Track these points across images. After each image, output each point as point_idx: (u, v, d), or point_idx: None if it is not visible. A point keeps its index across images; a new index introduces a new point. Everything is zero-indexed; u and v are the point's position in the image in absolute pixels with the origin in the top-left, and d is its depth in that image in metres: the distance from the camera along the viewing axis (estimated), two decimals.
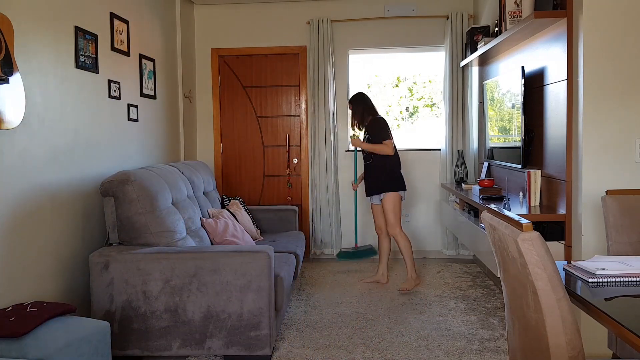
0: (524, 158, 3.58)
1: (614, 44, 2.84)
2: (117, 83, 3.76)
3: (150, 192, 3.11)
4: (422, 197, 5.54)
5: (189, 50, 5.39)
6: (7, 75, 2.53)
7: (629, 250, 2.37)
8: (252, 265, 2.88)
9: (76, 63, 3.24)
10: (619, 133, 2.87)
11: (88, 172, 3.37)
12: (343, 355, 3.06)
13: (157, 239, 3.07)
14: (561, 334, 1.48)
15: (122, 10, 3.88)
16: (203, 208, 4.00)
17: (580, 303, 1.68)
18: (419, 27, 5.43)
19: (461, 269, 5.01)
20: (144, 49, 4.27)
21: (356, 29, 5.48)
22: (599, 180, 2.88)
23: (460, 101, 5.30)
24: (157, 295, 2.89)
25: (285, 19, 5.53)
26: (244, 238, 3.83)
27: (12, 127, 2.58)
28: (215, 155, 5.65)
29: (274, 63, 5.60)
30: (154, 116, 4.45)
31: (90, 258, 2.92)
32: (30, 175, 2.81)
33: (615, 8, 2.83)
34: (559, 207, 3.21)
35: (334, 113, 5.44)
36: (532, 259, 1.48)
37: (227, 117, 5.66)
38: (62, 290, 3.07)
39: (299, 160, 5.62)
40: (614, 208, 2.40)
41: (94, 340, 2.42)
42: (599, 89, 2.86)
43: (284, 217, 4.73)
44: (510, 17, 3.61)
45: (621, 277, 1.80)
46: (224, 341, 2.90)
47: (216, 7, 5.55)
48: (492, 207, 1.83)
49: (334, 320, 3.65)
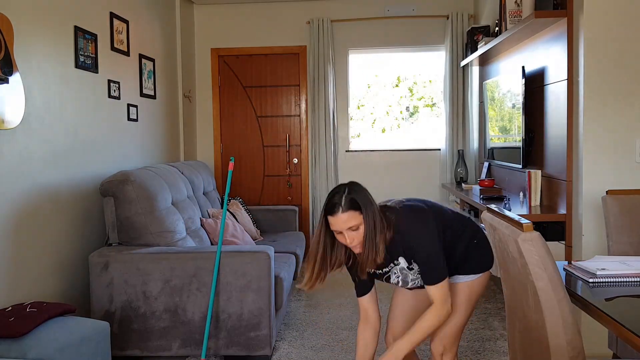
0: (524, 158, 3.58)
1: (614, 43, 2.84)
2: (117, 83, 3.75)
3: (150, 192, 3.11)
4: (422, 197, 5.52)
5: (189, 50, 5.39)
6: (7, 75, 2.53)
7: (629, 250, 2.36)
8: (252, 266, 2.87)
9: (76, 63, 3.23)
10: (620, 133, 2.87)
11: (88, 172, 3.37)
12: (343, 356, 3.06)
13: (157, 239, 3.06)
14: (561, 334, 1.48)
15: (121, 10, 3.87)
16: (203, 208, 4.00)
17: (580, 303, 1.67)
18: (419, 27, 5.42)
19: None
20: (143, 48, 4.26)
21: (356, 29, 5.47)
22: (599, 180, 2.88)
23: (461, 101, 5.30)
24: (157, 296, 2.88)
25: (285, 18, 5.52)
26: (244, 238, 3.83)
27: (11, 127, 2.58)
28: (215, 155, 5.64)
29: (274, 63, 5.60)
30: (153, 116, 4.45)
31: (90, 258, 2.92)
32: (30, 175, 2.80)
33: (615, 8, 2.82)
34: (560, 207, 3.20)
35: (334, 113, 5.43)
36: (532, 259, 1.48)
37: (227, 117, 5.65)
38: (62, 290, 3.07)
39: (299, 160, 5.62)
40: (615, 208, 2.39)
41: (93, 340, 2.42)
42: (600, 88, 2.85)
43: (284, 217, 4.73)
44: (510, 16, 3.61)
45: (621, 277, 1.80)
46: (224, 341, 2.90)
47: (216, 7, 5.55)
48: (492, 207, 1.82)
49: (334, 320, 3.64)
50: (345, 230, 1.85)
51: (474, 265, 2.07)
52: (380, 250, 1.88)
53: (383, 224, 1.89)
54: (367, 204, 1.86)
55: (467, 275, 2.07)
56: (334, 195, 1.88)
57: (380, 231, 1.87)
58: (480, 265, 2.08)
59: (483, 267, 2.09)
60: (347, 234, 1.85)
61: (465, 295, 2.08)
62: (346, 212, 1.83)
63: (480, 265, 2.08)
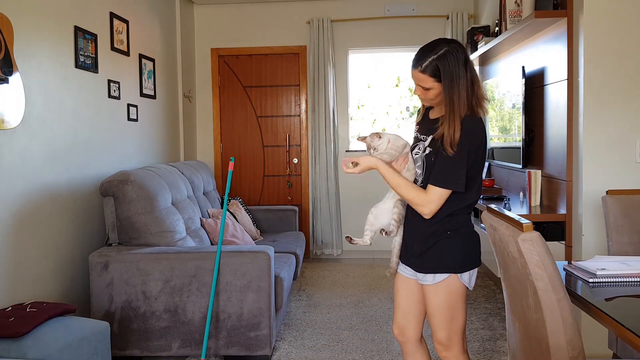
0: (524, 158, 3.58)
1: (614, 43, 2.84)
2: (117, 83, 3.75)
3: (150, 192, 3.11)
4: None
5: (189, 50, 5.39)
6: (7, 75, 2.53)
7: (629, 250, 2.36)
8: (252, 266, 2.87)
9: (76, 63, 3.23)
10: (620, 133, 2.87)
11: (88, 172, 3.37)
12: (343, 356, 3.06)
13: (157, 239, 3.06)
14: (561, 334, 1.48)
15: (121, 10, 3.87)
16: (203, 208, 4.00)
17: (580, 303, 1.67)
18: (419, 26, 5.42)
19: None
20: (143, 48, 4.26)
21: (356, 29, 5.48)
22: (599, 180, 2.88)
23: None
24: (156, 296, 2.88)
25: (285, 18, 5.52)
26: (243, 238, 3.83)
27: (11, 127, 2.58)
28: (215, 155, 5.65)
29: (274, 63, 5.60)
30: (153, 116, 4.45)
31: (89, 258, 2.92)
32: (30, 175, 2.80)
33: (615, 8, 2.82)
34: (560, 207, 3.20)
35: (334, 113, 5.43)
36: (532, 259, 1.48)
37: (227, 117, 5.65)
38: (61, 290, 3.07)
39: (299, 160, 5.62)
40: (615, 208, 2.39)
41: (93, 340, 2.42)
42: (600, 88, 2.85)
43: (284, 217, 4.73)
44: (510, 16, 3.61)
45: (621, 277, 1.80)
46: (224, 341, 2.90)
47: (216, 7, 5.55)
48: (492, 207, 1.82)
49: (334, 320, 3.64)
50: (417, 85, 1.92)
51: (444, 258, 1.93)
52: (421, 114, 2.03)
53: (458, 103, 1.85)
54: (451, 76, 1.84)
55: (430, 273, 1.95)
56: (425, 47, 1.89)
57: (453, 106, 1.85)
58: (446, 261, 1.93)
59: (448, 266, 1.93)
60: (419, 88, 1.93)
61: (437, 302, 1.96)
62: (423, 74, 1.88)
63: (446, 263, 1.93)
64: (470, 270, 1.96)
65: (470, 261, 1.96)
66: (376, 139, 2.04)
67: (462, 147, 1.85)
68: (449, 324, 1.97)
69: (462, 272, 1.94)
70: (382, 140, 2.03)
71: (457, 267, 1.94)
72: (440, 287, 1.95)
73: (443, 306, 1.95)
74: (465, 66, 1.86)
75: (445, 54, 1.85)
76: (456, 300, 1.96)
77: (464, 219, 1.98)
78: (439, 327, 1.98)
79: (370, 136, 2.05)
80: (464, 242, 1.96)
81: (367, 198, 5.16)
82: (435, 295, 1.96)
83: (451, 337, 1.98)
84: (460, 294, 1.96)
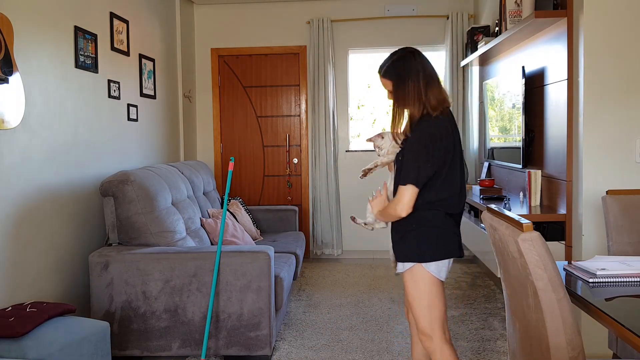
0: (524, 158, 3.58)
1: (614, 43, 2.84)
2: (117, 83, 3.75)
3: (150, 192, 3.11)
4: None
5: (189, 50, 5.39)
6: (7, 75, 2.53)
7: (629, 250, 2.36)
8: (252, 266, 2.87)
9: (76, 63, 3.24)
10: (620, 133, 2.87)
11: (88, 172, 3.37)
12: (343, 356, 3.06)
13: (157, 239, 3.06)
14: (561, 334, 1.48)
15: (121, 10, 3.87)
16: (203, 208, 4.00)
17: (580, 303, 1.67)
18: (419, 26, 5.42)
19: (461, 269, 5.01)
20: (143, 48, 4.26)
21: (356, 29, 5.48)
22: (599, 180, 2.88)
23: (461, 101, 5.30)
24: (156, 296, 2.88)
25: (285, 18, 5.52)
26: (243, 238, 3.83)
27: (11, 127, 2.58)
28: (215, 155, 5.65)
29: (274, 63, 5.60)
30: (153, 116, 4.45)
31: (89, 258, 2.92)
32: (30, 175, 2.80)
33: (615, 8, 2.82)
34: (560, 207, 3.20)
35: (334, 113, 5.43)
36: (532, 259, 1.48)
37: (227, 117, 5.65)
38: (61, 290, 3.07)
39: (299, 160, 5.62)
40: (615, 208, 2.39)
41: (93, 340, 2.42)
42: (600, 88, 2.85)
43: (284, 217, 4.73)
44: (510, 16, 3.61)
45: (621, 277, 1.80)
46: (224, 341, 2.90)
47: (216, 7, 5.55)
48: (492, 207, 1.82)
49: (334, 320, 3.64)
50: (386, 89, 2.14)
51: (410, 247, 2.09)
52: (397, 122, 2.09)
53: (405, 100, 2.04)
54: (399, 77, 2.06)
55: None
56: (391, 55, 2.12)
57: (403, 105, 2.06)
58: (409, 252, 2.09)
59: (410, 256, 2.08)
60: (387, 92, 2.13)
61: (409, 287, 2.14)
62: (384, 79, 2.12)
63: (408, 253, 2.09)
64: (434, 261, 2.07)
65: (431, 253, 2.06)
66: (379, 140, 2.22)
67: (419, 146, 1.99)
68: (427, 312, 2.09)
69: (424, 261, 2.06)
70: (384, 140, 2.21)
71: (417, 257, 2.07)
72: (408, 275, 2.12)
73: (416, 294, 2.10)
74: (418, 68, 2.05)
75: (398, 58, 2.08)
76: (428, 289, 2.08)
77: (433, 214, 2.07)
78: (418, 315, 2.11)
79: (374, 137, 2.25)
80: (427, 236, 2.07)
81: (367, 198, 5.16)
82: (407, 283, 2.13)
83: (431, 326, 2.09)
84: (430, 283, 2.08)
